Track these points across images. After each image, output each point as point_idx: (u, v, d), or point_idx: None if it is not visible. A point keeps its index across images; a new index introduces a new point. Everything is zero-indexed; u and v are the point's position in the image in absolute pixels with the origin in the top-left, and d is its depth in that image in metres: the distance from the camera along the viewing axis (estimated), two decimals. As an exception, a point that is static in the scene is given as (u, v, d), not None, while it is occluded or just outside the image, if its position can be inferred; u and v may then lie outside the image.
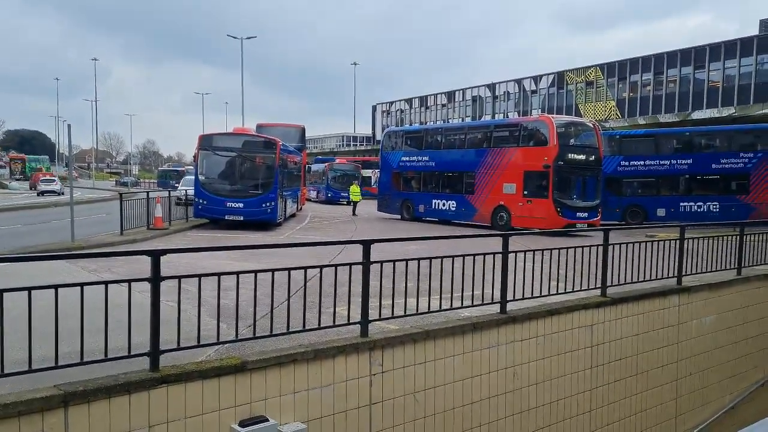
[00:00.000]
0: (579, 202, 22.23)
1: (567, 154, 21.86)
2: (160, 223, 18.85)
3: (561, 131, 22.17)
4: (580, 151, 22.52)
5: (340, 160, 51.90)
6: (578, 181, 22.44)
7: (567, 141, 22.36)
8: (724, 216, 23.59)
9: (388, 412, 6.48)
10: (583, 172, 22.41)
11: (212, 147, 21.09)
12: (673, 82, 45.69)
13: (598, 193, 22.75)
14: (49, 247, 14.14)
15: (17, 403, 4.33)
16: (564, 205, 21.60)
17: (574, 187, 22.40)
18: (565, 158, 21.68)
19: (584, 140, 23.13)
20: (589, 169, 22.54)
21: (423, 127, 42.87)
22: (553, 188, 21.44)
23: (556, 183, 21.49)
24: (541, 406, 8.02)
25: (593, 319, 8.62)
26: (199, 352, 5.63)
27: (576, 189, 22.43)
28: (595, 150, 22.74)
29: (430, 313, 7.15)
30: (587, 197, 22.59)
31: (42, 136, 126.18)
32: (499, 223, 23.02)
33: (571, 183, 22.28)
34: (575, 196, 22.28)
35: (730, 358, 10.97)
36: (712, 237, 10.98)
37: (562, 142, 21.92)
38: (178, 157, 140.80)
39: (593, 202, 22.56)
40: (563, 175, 21.70)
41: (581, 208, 22.09)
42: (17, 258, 6.27)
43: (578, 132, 23.36)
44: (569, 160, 21.84)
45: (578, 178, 22.40)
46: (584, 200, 22.42)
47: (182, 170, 72.88)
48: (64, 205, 24.73)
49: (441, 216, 26.29)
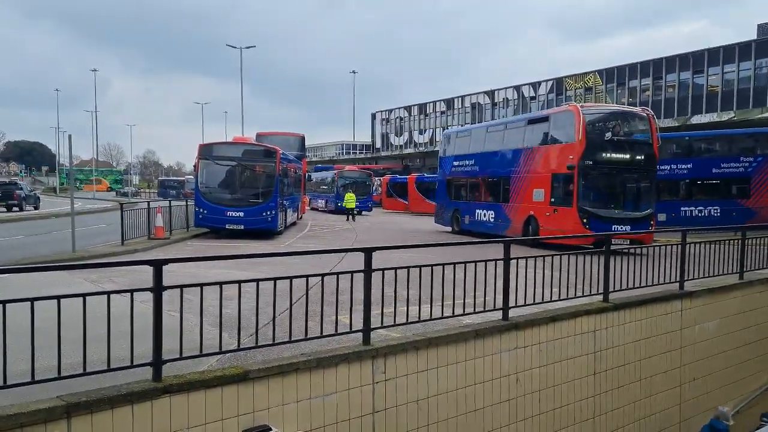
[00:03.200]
0: (617, 212, 17.82)
1: (599, 152, 17.74)
2: (161, 232, 18.85)
3: (591, 123, 18.27)
4: (619, 148, 18.11)
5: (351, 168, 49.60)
6: (618, 186, 18.34)
7: (600, 136, 18.24)
8: (726, 220, 23.56)
9: (391, 421, 6.46)
10: (626, 174, 18.23)
11: (212, 156, 21.12)
12: (672, 87, 45.75)
13: (648, 201, 18.23)
14: (51, 258, 14.16)
15: (20, 415, 4.32)
16: (593, 215, 17.39)
17: (611, 193, 18.35)
18: (595, 157, 17.58)
19: (628, 134, 18.78)
20: (635, 171, 18.27)
21: (471, 127, 37.60)
22: (578, 194, 17.51)
23: (583, 188, 17.55)
24: (544, 412, 8.00)
25: (596, 325, 8.61)
26: (201, 361, 5.63)
27: (613, 196, 18.31)
28: (645, 146, 18.29)
29: (433, 321, 7.15)
30: (630, 206, 18.18)
31: (42, 147, 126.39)
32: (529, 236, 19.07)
33: (606, 188, 18.26)
34: (613, 205, 18.06)
35: (733, 363, 10.94)
36: (714, 242, 10.97)
37: (593, 137, 17.88)
38: (178, 166, 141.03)
39: (640, 212, 17.93)
40: (593, 178, 17.83)
41: (620, 219, 17.44)
42: (19, 269, 6.27)
43: (618, 124, 18.59)
44: (602, 160, 17.71)
45: (618, 182, 18.32)
46: (626, 210, 18.00)
47: (182, 180, 73.09)
48: (65, 215, 24.74)
49: (482, 229, 22.51)
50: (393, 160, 75.77)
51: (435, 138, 71.49)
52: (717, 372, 10.64)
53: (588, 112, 18.51)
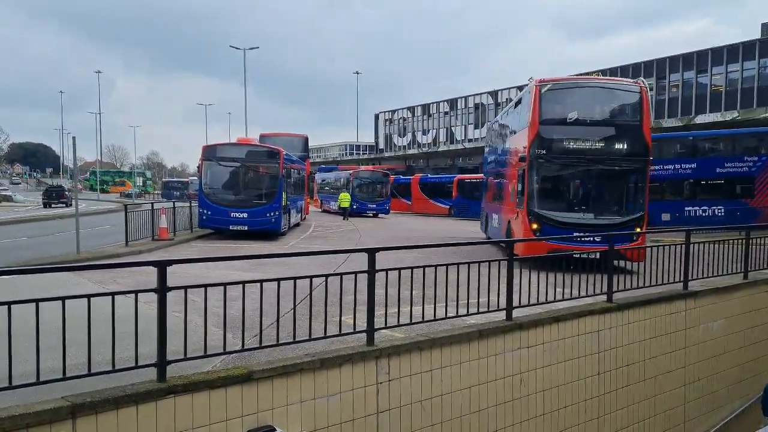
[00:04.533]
0: (585, 216, 13.50)
1: (557, 138, 13.53)
2: (165, 234, 18.89)
3: (550, 101, 13.85)
4: (589, 133, 13.59)
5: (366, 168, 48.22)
6: (587, 183, 14.04)
7: (560, 116, 13.82)
8: (730, 220, 23.49)
9: (395, 421, 6.47)
10: (600, 167, 13.49)
11: (216, 157, 21.16)
12: (676, 87, 45.67)
13: (634, 203, 13.57)
14: (55, 259, 14.20)
15: (25, 415, 4.34)
16: (546, 220, 13.41)
17: (577, 192, 14.10)
18: (552, 145, 13.46)
19: (605, 114, 14.24)
20: (614, 162, 13.42)
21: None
22: (528, 194, 13.68)
23: (534, 185, 13.66)
24: (548, 413, 7.99)
25: (599, 325, 8.60)
26: (205, 362, 5.65)
27: (580, 195, 14.01)
28: (629, 130, 13.65)
29: (436, 321, 7.15)
30: (605, 209, 13.72)
31: (46, 149, 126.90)
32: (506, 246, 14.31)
33: (568, 186, 14.17)
34: (581, 207, 13.77)
35: (737, 362, 10.91)
36: (718, 241, 10.95)
37: (549, 119, 13.66)
38: (181, 167, 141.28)
39: (620, 217, 13.38)
40: (549, 172, 13.76)
41: (589, 226, 13.05)
42: (23, 270, 6.28)
43: (588, 100, 14.35)
44: (561, 148, 13.45)
45: (587, 178, 13.96)
46: (599, 214, 13.53)
47: (186, 181, 73.21)
48: (69, 216, 24.81)
49: (492, 234, 19.65)
50: (396, 160, 75.78)
51: (438, 138, 71.49)
52: (721, 372, 10.62)
53: (549, 86, 14.00)
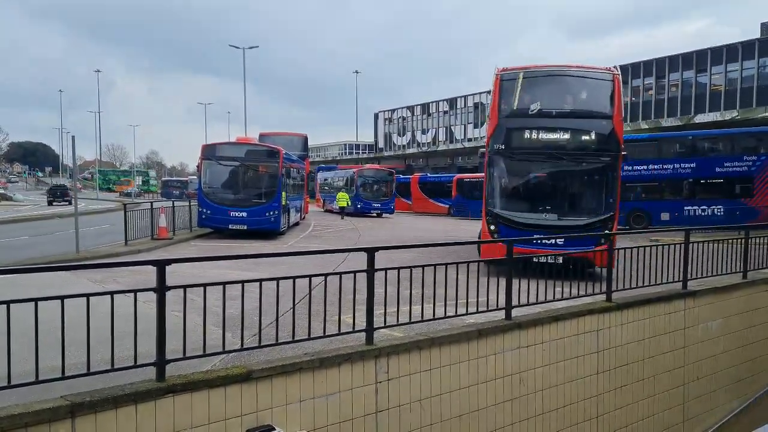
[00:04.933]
0: (545, 217, 12.29)
1: (517, 132, 12.42)
2: (165, 233, 18.88)
3: (511, 90, 12.65)
4: (552, 126, 12.36)
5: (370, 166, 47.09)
6: (549, 180, 12.87)
7: (522, 107, 12.61)
8: (729, 219, 23.51)
9: (394, 420, 6.47)
10: (563, 161, 12.34)
11: (215, 157, 21.15)
12: (675, 86, 45.67)
13: (601, 202, 12.31)
14: (54, 259, 14.19)
15: (24, 414, 4.35)
16: (503, 220, 12.31)
17: (537, 190, 12.91)
18: (511, 139, 12.37)
19: (571, 105, 12.80)
20: (579, 157, 12.31)
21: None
22: (487, 191, 12.74)
23: (493, 181, 12.65)
24: (547, 412, 7.99)
25: (599, 324, 8.60)
26: (205, 361, 5.65)
27: (540, 193, 12.83)
28: (597, 122, 12.33)
29: (436, 320, 7.15)
30: (567, 209, 12.53)
31: (46, 148, 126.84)
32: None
33: (527, 183, 12.98)
34: (541, 207, 12.53)
35: (737, 362, 10.92)
36: (717, 241, 10.95)
37: (509, 110, 12.57)
38: (181, 167, 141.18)
39: (584, 218, 12.14)
40: (507, 167, 12.60)
41: (549, 227, 11.92)
42: (22, 269, 6.28)
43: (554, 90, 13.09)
44: (521, 144, 12.37)
45: (549, 174, 12.80)
46: (563, 214, 12.31)
47: (186, 180, 73.13)
48: (68, 216, 24.80)
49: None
50: (396, 160, 75.81)
51: (438, 138, 71.49)
52: (721, 371, 10.62)
53: (511, 75, 12.73)
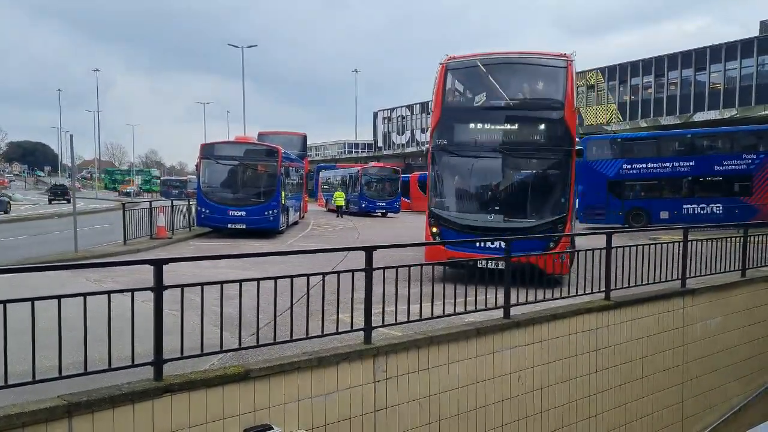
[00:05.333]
0: (491, 218, 11.17)
1: (459, 127, 11.61)
2: (163, 232, 18.87)
3: (456, 81, 12.14)
4: (497, 120, 11.44)
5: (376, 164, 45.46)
6: (494, 179, 11.67)
7: (465, 100, 12.23)
8: (728, 218, 23.50)
9: (393, 419, 6.46)
10: (511, 159, 11.38)
11: (214, 156, 21.15)
12: (674, 85, 45.63)
13: (551, 202, 11.17)
14: (52, 258, 14.17)
15: (21, 414, 4.33)
16: (445, 222, 11.41)
17: (480, 189, 11.81)
18: (453, 134, 11.55)
19: (516, 95, 11.89)
20: (528, 154, 11.40)
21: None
22: (431, 191, 11.91)
23: (436, 181, 11.78)
24: (546, 410, 7.99)
25: (597, 322, 8.60)
26: (202, 360, 5.63)
27: (485, 194, 11.70)
28: (547, 115, 11.30)
29: (434, 319, 7.15)
30: (515, 210, 11.36)
31: (45, 148, 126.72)
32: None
33: (470, 181, 11.87)
34: (486, 208, 11.43)
35: (736, 360, 10.92)
36: (716, 239, 10.95)
37: (454, 102, 12.06)
38: (180, 166, 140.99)
39: (533, 220, 11.12)
40: (449, 165, 11.73)
41: (493, 230, 10.88)
42: (20, 269, 6.26)
43: (502, 79, 11.75)
44: (464, 140, 11.52)
45: (495, 173, 11.63)
46: (510, 216, 11.19)
47: (185, 180, 73.08)
48: (67, 215, 24.78)
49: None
50: (395, 158, 75.76)
51: (437, 136, 71.30)
52: (719, 369, 10.62)
53: (456, 64, 11.79)
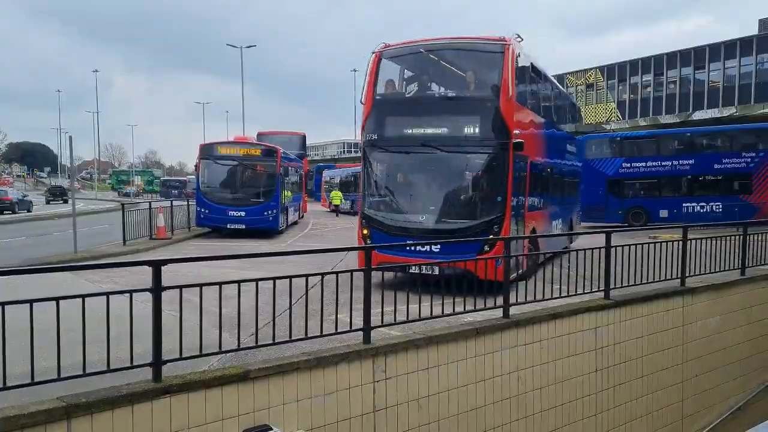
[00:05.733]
0: (421, 220, 10.28)
1: (390, 120, 10.73)
2: (163, 233, 18.87)
3: (389, 70, 11.18)
4: (430, 112, 10.50)
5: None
6: (426, 177, 10.65)
7: (400, 89, 11.41)
8: (728, 216, 23.51)
9: (392, 419, 6.46)
10: (439, 155, 10.20)
11: (213, 156, 21.18)
12: (674, 83, 45.69)
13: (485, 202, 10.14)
14: (52, 259, 14.17)
15: (20, 416, 4.33)
16: (375, 224, 10.56)
17: (411, 188, 10.77)
18: (384, 129, 10.66)
19: (451, 84, 11.45)
20: (457, 149, 10.19)
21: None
22: (363, 190, 11.02)
23: (367, 179, 10.93)
24: (546, 410, 7.99)
25: (597, 322, 8.59)
26: (201, 361, 5.62)
27: (415, 193, 10.71)
28: (481, 105, 10.25)
29: (433, 319, 7.14)
30: (447, 211, 10.33)
31: (44, 149, 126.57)
32: None
33: (401, 179, 10.92)
34: (415, 208, 10.52)
35: (735, 358, 10.92)
36: (716, 237, 10.94)
37: (386, 94, 10.98)
38: (180, 166, 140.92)
39: (467, 220, 10.18)
40: (381, 163, 10.98)
41: (423, 232, 10.00)
42: (19, 270, 6.25)
43: (436, 68, 11.36)
44: (396, 134, 10.63)
45: (427, 170, 10.60)
46: (440, 217, 10.24)
47: (185, 180, 73.04)
48: (67, 216, 24.77)
49: None
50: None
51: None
52: (719, 368, 10.62)
53: (389, 53, 11.02)
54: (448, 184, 10.60)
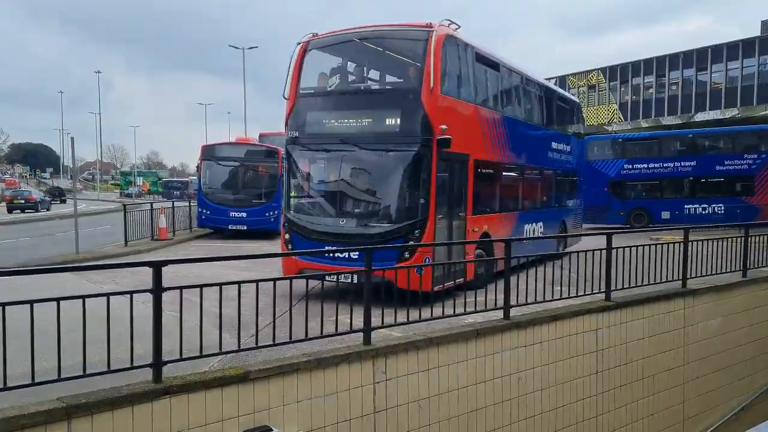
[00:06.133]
0: (340, 223, 9.59)
1: (311, 116, 10.05)
2: (165, 233, 18.90)
3: (314, 63, 10.27)
4: (350, 106, 9.95)
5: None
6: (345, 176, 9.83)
7: (320, 82, 10.34)
8: (730, 218, 23.47)
9: (392, 420, 6.46)
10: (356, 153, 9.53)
11: (215, 157, 21.20)
12: (676, 85, 45.59)
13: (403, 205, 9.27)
14: (54, 260, 14.19)
15: (20, 417, 4.33)
16: (296, 229, 9.90)
17: (330, 188, 10.11)
18: (305, 125, 10.02)
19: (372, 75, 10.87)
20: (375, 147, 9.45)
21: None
22: (285, 192, 10.50)
23: (289, 179, 10.32)
24: (546, 411, 7.98)
25: (598, 323, 8.59)
26: (201, 362, 5.63)
27: (334, 194, 9.99)
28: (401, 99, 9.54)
29: (434, 320, 7.14)
30: (364, 214, 9.65)
31: (47, 150, 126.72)
32: None
33: (321, 179, 10.36)
34: (334, 211, 9.82)
35: (737, 360, 10.90)
36: (717, 239, 10.93)
37: (309, 88, 10.18)
38: (181, 167, 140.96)
39: (385, 224, 9.27)
40: (302, 162, 10.16)
41: (340, 237, 9.38)
42: (21, 271, 6.29)
43: (359, 59, 10.70)
44: (315, 131, 9.95)
45: (344, 169, 9.82)
46: (359, 221, 9.55)
47: (187, 181, 73.12)
48: (69, 217, 24.82)
49: None
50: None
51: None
52: (721, 370, 10.60)
53: (315, 43, 10.26)
54: (368, 184, 9.87)
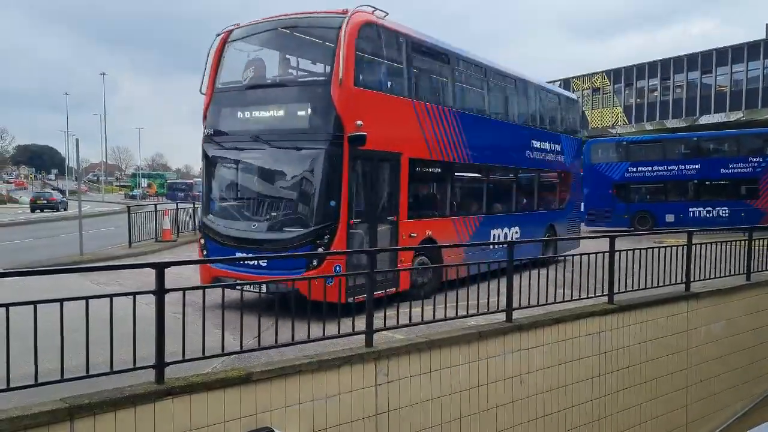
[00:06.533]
0: (251, 228, 8.96)
1: (227, 113, 9.58)
2: (169, 235, 18.95)
3: (231, 56, 9.77)
4: (260, 102, 9.28)
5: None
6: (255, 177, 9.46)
7: (236, 76, 9.69)
8: (734, 221, 23.40)
9: (395, 423, 6.46)
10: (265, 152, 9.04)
11: (219, 159, 21.20)
12: (680, 87, 45.47)
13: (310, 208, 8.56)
14: (58, 261, 14.25)
15: (23, 417, 4.35)
16: (209, 233, 9.30)
17: (241, 190, 9.68)
18: (219, 123, 9.58)
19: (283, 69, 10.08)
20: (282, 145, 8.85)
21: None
22: (202, 196, 10.29)
23: (205, 181, 9.97)
24: (548, 414, 7.98)
25: (600, 326, 8.57)
26: (204, 363, 5.65)
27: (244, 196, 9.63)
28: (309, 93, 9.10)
29: (436, 322, 7.15)
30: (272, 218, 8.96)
31: (52, 151, 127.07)
32: None
33: (234, 181, 9.74)
34: (246, 213, 9.30)
35: (740, 364, 10.87)
36: (721, 242, 10.90)
37: (225, 84, 9.73)
38: (186, 169, 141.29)
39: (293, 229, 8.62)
40: (217, 162, 9.66)
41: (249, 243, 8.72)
42: (25, 272, 6.32)
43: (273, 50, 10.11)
44: (230, 129, 9.47)
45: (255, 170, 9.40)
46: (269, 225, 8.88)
47: (191, 183, 73.33)
48: (73, 218, 24.91)
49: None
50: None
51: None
52: (724, 374, 10.58)
53: (232, 36, 9.77)
54: (278, 186, 9.21)
